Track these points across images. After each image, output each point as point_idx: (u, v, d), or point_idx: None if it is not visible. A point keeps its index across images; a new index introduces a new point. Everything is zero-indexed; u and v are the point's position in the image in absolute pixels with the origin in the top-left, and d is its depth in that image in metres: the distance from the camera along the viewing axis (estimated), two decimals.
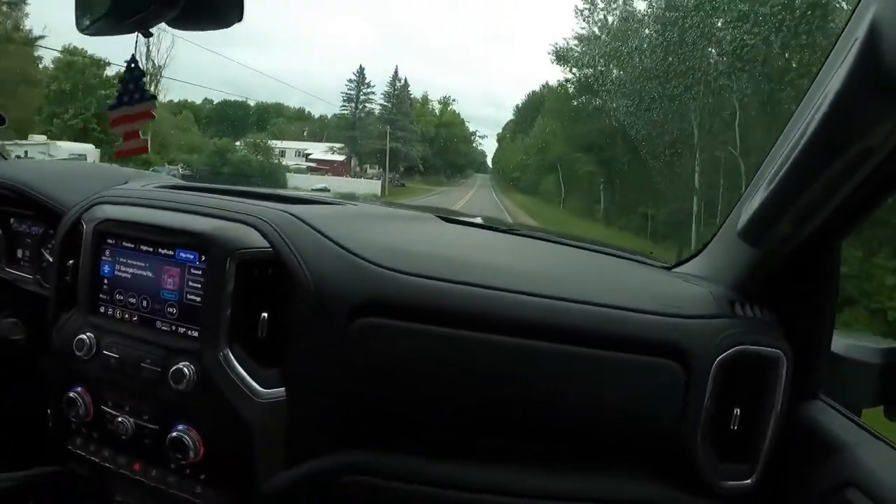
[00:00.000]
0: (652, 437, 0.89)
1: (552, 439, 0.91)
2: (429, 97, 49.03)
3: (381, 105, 45.67)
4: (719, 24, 10.01)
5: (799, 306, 0.91)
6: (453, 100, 51.07)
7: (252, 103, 61.76)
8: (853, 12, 0.66)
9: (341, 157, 43.72)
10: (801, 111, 0.76)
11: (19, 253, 1.29)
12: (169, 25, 0.88)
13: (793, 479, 0.88)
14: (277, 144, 42.48)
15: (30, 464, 1.20)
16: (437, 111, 52.58)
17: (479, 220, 1.36)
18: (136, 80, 0.95)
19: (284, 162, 40.85)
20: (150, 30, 0.88)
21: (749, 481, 0.88)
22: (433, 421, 0.90)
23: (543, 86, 36.34)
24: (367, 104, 45.31)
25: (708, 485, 0.87)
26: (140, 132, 0.97)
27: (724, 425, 0.88)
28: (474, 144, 50.27)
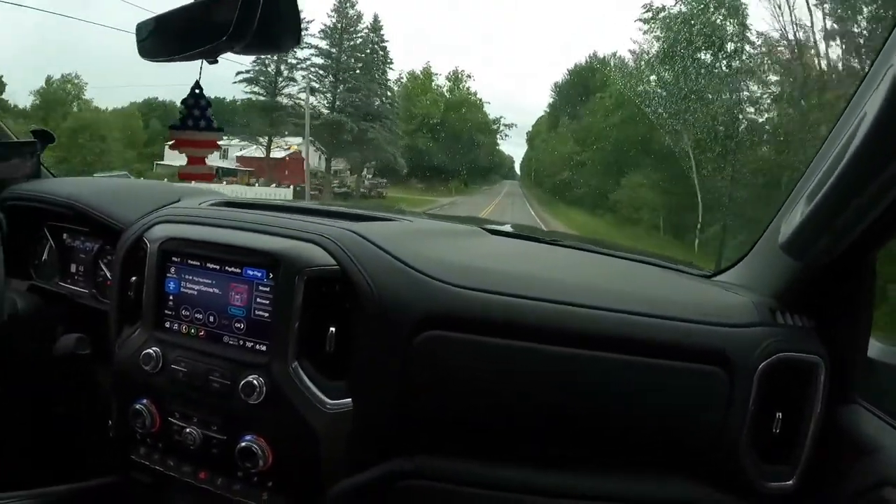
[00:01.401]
0: (698, 440, 0.92)
1: (602, 443, 0.95)
2: (432, 70, 33.76)
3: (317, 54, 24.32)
4: None
5: (836, 313, 0.95)
6: (468, 75, 34.97)
7: None
8: (891, 32, 0.70)
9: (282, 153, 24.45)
10: (838, 129, 0.80)
11: (73, 268, 1.33)
12: (232, 52, 0.92)
13: (831, 480, 0.92)
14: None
15: (87, 474, 1.24)
16: (445, 90, 34.71)
17: (522, 232, 1.41)
18: (202, 108, 0.99)
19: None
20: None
21: (790, 482, 0.91)
22: (489, 427, 0.94)
23: (592, 56, 25.66)
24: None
25: (751, 486, 0.91)
26: (205, 159, 1.01)
27: (766, 429, 0.91)
28: (498, 136, 35.79)
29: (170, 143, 1.05)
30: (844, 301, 0.94)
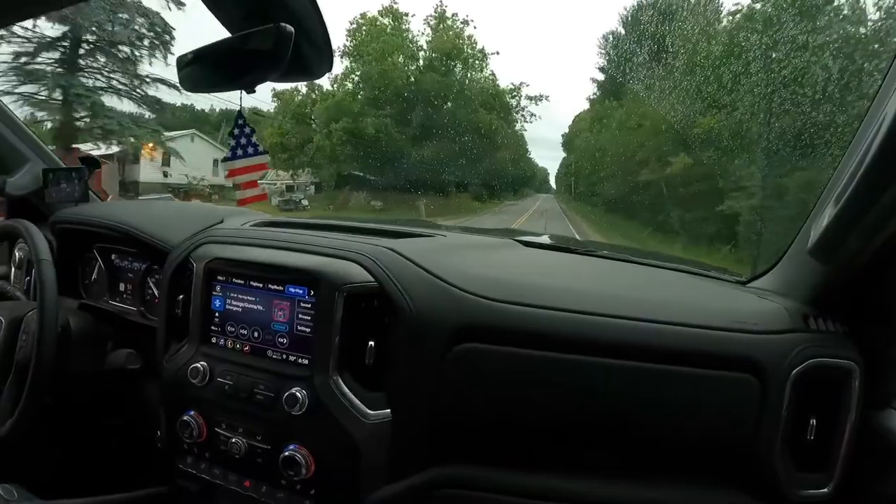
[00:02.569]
0: (731, 448, 0.92)
1: (636, 452, 0.96)
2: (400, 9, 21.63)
3: None
4: None
5: (870, 317, 0.94)
6: (463, 20, 22.04)
7: None
8: None
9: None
10: (863, 130, 0.80)
11: (121, 286, 1.40)
12: (270, 81, 0.97)
13: (868, 487, 0.91)
14: None
15: (136, 484, 1.30)
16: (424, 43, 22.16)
17: (555, 243, 1.43)
18: (247, 136, 1.04)
19: None
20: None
21: (826, 490, 0.91)
22: (524, 437, 0.96)
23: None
24: None
25: (786, 494, 0.91)
26: (258, 181, 1.06)
27: (800, 435, 0.91)
28: (520, 116, 23.33)
29: (226, 174, 1.11)
30: (878, 305, 0.93)
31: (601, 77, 22.08)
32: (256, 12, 0.88)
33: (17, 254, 1.55)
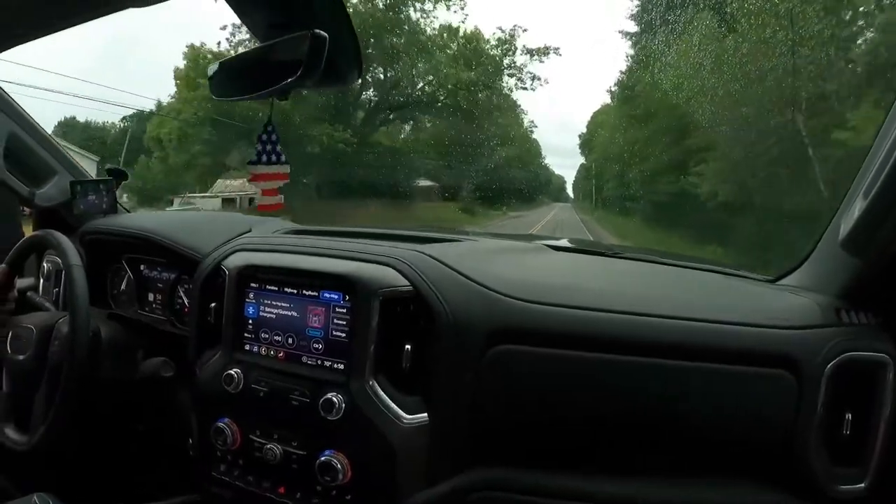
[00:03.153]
0: (767, 444, 0.92)
1: (673, 450, 0.95)
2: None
3: None
4: None
5: None
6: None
7: None
8: None
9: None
10: (889, 121, 0.80)
11: (150, 296, 1.41)
12: (303, 88, 0.98)
13: None
14: None
15: (168, 492, 1.30)
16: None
17: (583, 247, 1.43)
18: (273, 143, 1.05)
19: None
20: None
21: (863, 485, 0.90)
22: (561, 437, 0.96)
23: None
24: None
25: (822, 490, 0.90)
26: (278, 190, 1.07)
27: (835, 430, 0.90)
28: (514, 81, 17.16)
29: (248, 178, 1.12)
30: None
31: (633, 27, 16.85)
32: (284, 21, 0.90)
33: (45, 265, 1.57)
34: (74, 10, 1.01)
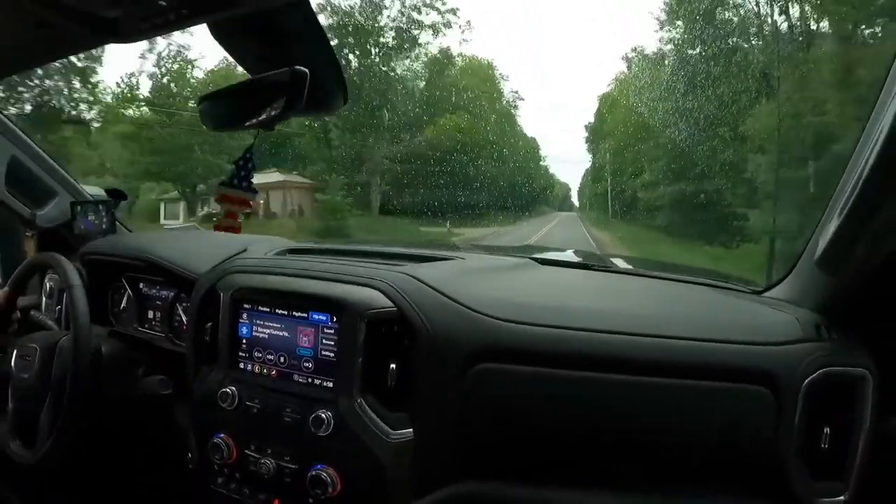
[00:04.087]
0: (746, 458, 0.93)
1: (653, 465, 0.97)
2: None
3: None
4: None
5: (883, 325, 0.95)
6: None
7: None
8: None
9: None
10: (864, 139, 0.81)
11: (150, 314, 1.45)
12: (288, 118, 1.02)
13: (885, 494, 0.93)
14: None
15: None
16: None
17: (573, 259, 1.45)
18: (248, 171, 1.09)
19: None
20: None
21: (842, 498, 0.91)
22: (542, 452, 0.99)
23: None
24: None
25: (802, 503, 0.91)
26: (238, 216, 1.11)
27: (815, 444, 0.92)
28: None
29: (215, 197, 1.15)
30: (890, 312, 0.93)
31: None
32: (271, 55, 0.94)
33: (47, 284, 1.62)
34: (61, 46, 1.06)
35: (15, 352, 1.28)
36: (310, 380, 1.06)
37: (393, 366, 1.00)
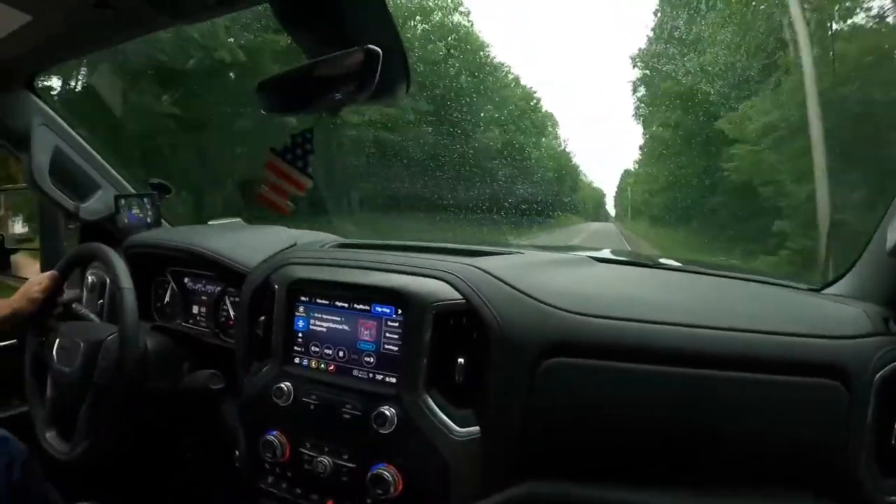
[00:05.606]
0: (815, 456, 0.91)
1: (723, 462, 0.94)
2: None
3: None
4: None
5: None
6: None
7: None
8: None
9: None
10: None
11: (195, 309, 1.43)
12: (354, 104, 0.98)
13: None
14: None
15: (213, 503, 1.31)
16: None
17: (627, 258, 1.42)
18: (305, 150, 1.05)
19: None
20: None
21: None
22: (611, 450, 0.96)
23: None
24: None
25: (871, 502, 0.88)
26: (287, 194, 1.06)
27: (885, 440, 0.89)
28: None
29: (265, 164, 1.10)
30: None
31: None
32: (335, 36, 0.91)
33: (89, 277, 1.60)
34: (120, 27, 1.04)
35: (57, 342, 1.27)
36: (371, 375, 1.02)
37: (461, 360, 0.96)
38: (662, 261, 1.38)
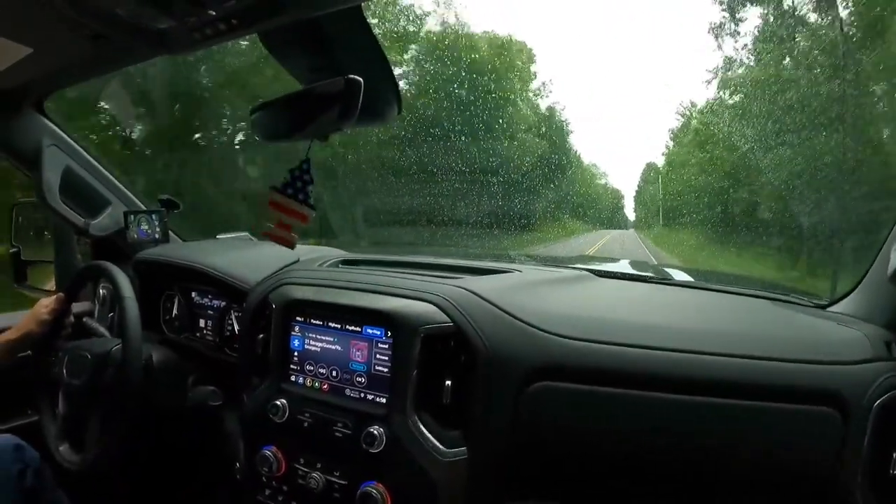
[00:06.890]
0: (810, 484, 0.90)
1: (714, 488, 0.94)
2: None
3: None
4: None
5: None
6: None
7: None
8: None
9: None
10: None
11: (201, 323, 1.47)
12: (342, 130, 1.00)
13: None
14: None
15: None
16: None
17: (630, 271, 1.41)
18: (304, 183, 1.07)
19: None
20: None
21: None
22: (598, 473, 0.96)
23: None
24: None
25: None
26: (292, 229, 1.08)
27: (882, 470, 0.87)
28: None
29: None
30: None
31: None
32: (323, 64, 0.92)
33: (100, 292, 1.65)
34: (116, 58, 1.07)
35: (66, 357, 1.31)
36: (362, 395, 1.05)
37: (448, 382, 0.98)
38: (669, 271, 1.37)
